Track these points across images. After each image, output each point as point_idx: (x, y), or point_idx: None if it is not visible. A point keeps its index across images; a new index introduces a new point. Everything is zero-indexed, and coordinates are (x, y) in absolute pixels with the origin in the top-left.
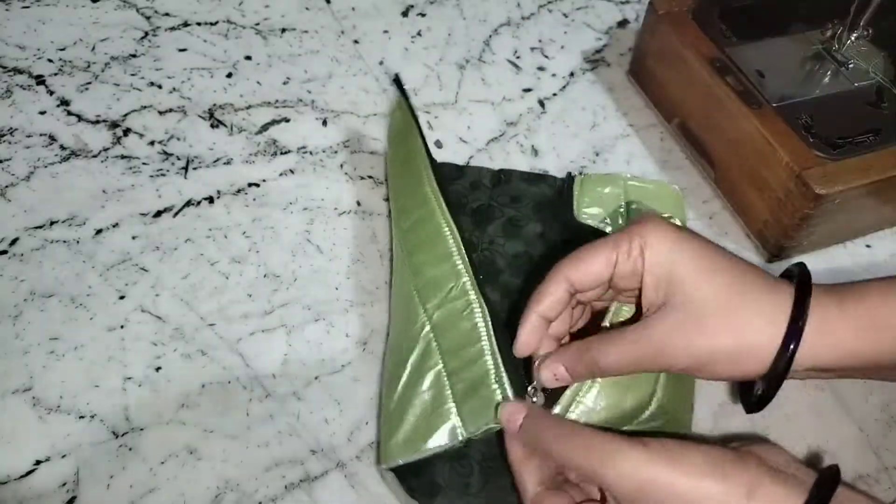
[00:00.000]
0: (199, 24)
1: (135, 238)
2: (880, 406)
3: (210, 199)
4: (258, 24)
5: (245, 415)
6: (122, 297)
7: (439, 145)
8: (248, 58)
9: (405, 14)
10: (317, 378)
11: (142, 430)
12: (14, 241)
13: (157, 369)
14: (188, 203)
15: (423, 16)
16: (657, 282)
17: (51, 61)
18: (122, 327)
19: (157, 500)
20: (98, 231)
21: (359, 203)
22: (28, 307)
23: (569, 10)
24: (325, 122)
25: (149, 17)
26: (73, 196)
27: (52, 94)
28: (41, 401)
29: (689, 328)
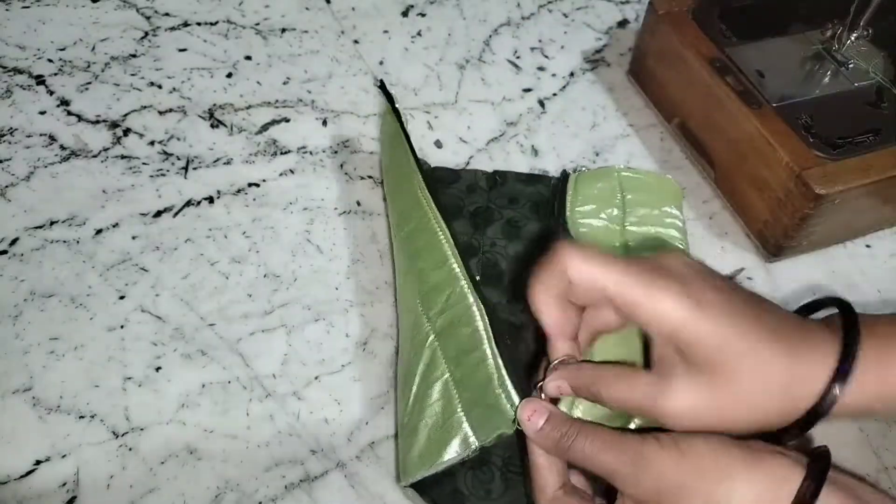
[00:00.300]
0: (199, 24)
1: (135, 238)
2: None
3: (210, 199)
4: (258, 24)
5: (245, 415)
6: (122, 297)
7: (439, 145)
8: (248, 58)
9: (405, 14)
10: (317, 378)
11: (142, 430)
12: (14, 241)
13: (157, 369)
14: (188, 203)
15: (423, 16)
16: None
17: (51, 61)
18: (122, 327)
19: (157, 500)
20: (98, 231)
21: (359, 203)
22: (28, 307)
23: (569, 10)
24: (325, 122)
25: (149, 17)
26: (73, 196)
27: (52, 94)
28: (41, 401)
29: (720, 399)
